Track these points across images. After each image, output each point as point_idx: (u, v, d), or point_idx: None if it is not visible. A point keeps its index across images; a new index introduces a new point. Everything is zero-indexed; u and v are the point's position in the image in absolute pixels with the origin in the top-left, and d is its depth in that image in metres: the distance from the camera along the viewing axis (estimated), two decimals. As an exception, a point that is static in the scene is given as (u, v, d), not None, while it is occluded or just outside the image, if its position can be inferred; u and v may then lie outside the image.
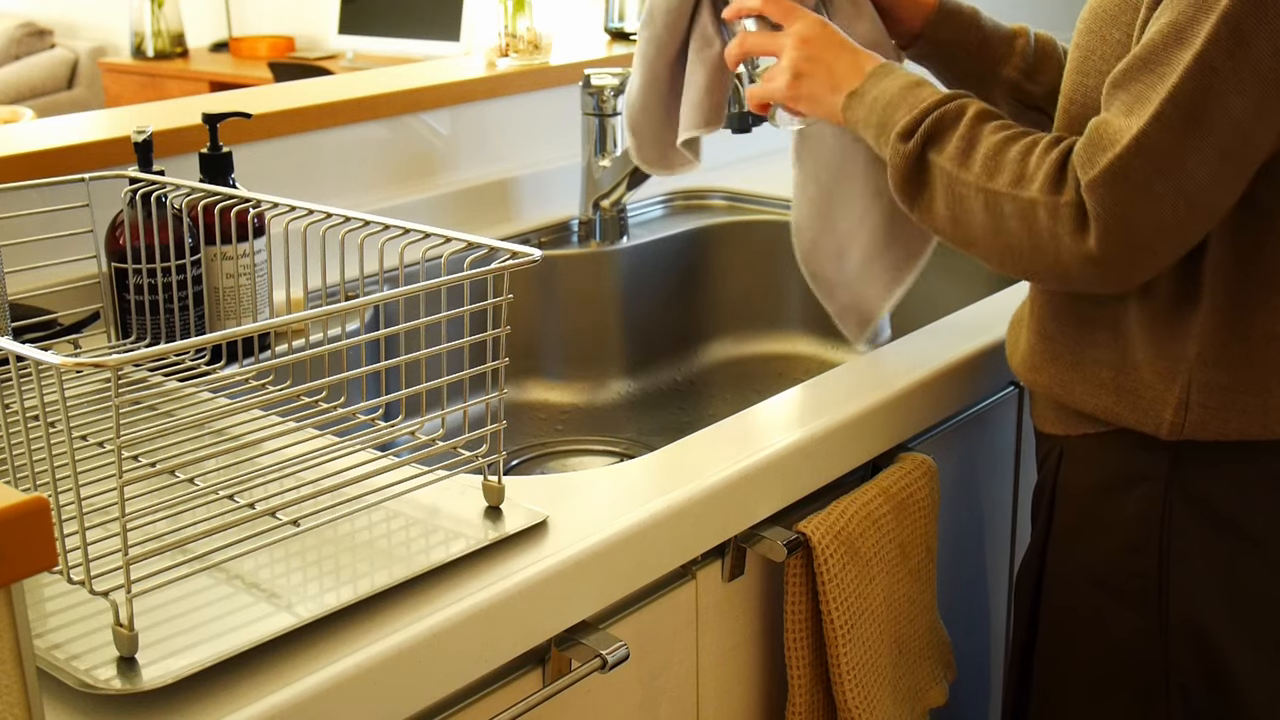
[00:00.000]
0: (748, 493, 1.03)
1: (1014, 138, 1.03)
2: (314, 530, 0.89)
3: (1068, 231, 0.98)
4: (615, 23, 2.08)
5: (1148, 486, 1.10)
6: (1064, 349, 1.12)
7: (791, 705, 1.09)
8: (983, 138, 1.04)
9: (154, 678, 0.74)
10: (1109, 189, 0.96)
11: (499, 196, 1.72)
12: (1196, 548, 1.09)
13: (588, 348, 1.70)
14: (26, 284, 1.25)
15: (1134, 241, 0.97)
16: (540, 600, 0.88)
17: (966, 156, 1.04)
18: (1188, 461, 1.08)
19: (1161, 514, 1.09)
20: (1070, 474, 1.16)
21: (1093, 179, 0.96)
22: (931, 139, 1.06)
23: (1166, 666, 1.12)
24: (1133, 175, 0.95)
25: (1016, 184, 1.01)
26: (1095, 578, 1.14)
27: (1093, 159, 0.96)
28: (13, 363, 0.77)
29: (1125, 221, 0.96)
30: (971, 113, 1.06)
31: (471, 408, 0.93)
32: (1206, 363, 1.04)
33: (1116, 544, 1.12)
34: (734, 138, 1.56)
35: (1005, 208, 1.01)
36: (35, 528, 0.60)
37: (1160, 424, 1.07)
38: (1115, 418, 1.09)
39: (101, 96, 4.94)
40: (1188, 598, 1.10)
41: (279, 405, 1.05)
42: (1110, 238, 0.96)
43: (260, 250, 1.24)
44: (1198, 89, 0.94)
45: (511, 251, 0.90)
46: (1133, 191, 0.95)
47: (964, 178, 1.04)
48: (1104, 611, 1.14)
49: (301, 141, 1.55)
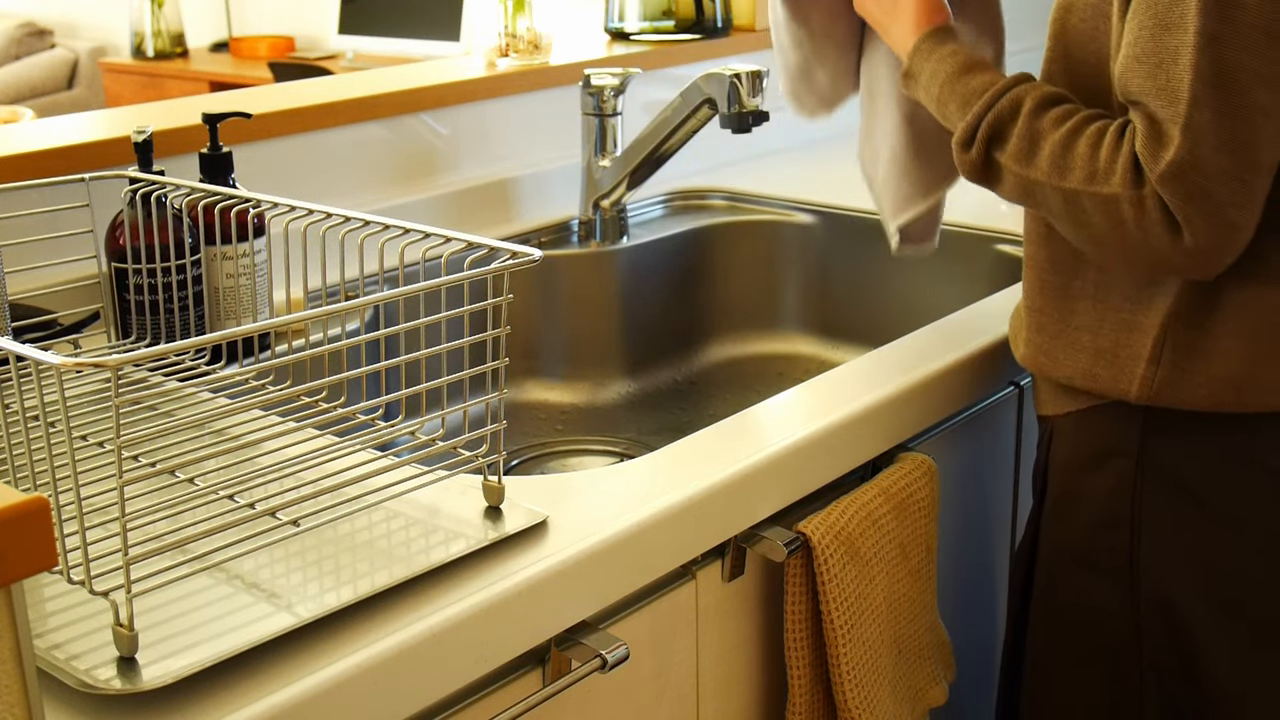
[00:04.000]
0: (748, 493, 1.03)
1: (1077, 129, 1.02)
2: (314, 530, 0.89)
3: (1156, 221, 0.98)
4: (615, 23, 2.08)
5: (1120, 462, 1.12)
6: (1048, 319, 1.15)
7: (791, 705, 1.09)
8: (1045, 133, 1.03)
9: (154, 678, 0.74)
10: (1180, 182, 0.96)
11: (499, 196, 1.72)
12: (1167, 523, 1.11)
13: (588, 348, 1.70)
14: (26, 284, 1.25)
15: (1219, 222, 0.97)
16: (540, 600, 0.88)
17: (1032, 156, 1.04)
18: (1159, 434, 1.10)
19: (1132, 489, 1.11)
20: (1057, 451, 1.19)
21: (1161, 175, 0.97)
22: (993, 141, 1.06)
23: (1139, 640, 1.14)
24: (1198, 164, 0.96)
25: (1091, 180, 1.00)
26: (1074, 553, 1.17)
27: (1156, 156, 0.97)
28: (13, 363, 0.77)
29: (1205, 208, 0.97)
30: (1028, 106, 1.05)
31: (471, 408, 0.93)
32: (1183, 322, 1.06)
33: (1091, 518, 1.15)
34: (734, 138, 1.56)
35: (1085, 204, 1.01)
36: (35, 528, 0.60)
37: (1133, 380, 1.08)
38: (1092, 380, 1.11)
39: (101, 96, 4.94)
40: (1158, 572, 1.12)
41: (279, 405, 1.05)
42: (1196, 225, 0.97)
43: (260, 250, 1.24)
44: (1212, 60, 0.95)
45: (511, 251, 0.90)
46: (1202, 178, 0.96)
47: (1034, 177, 1.04)
48: (1081, 586, 1.17)
49: (301, 141, 1.55)
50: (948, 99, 1.09)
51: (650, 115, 1.62)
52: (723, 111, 1.50)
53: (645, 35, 2.05)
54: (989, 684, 1.45)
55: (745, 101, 1.49)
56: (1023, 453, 1.41)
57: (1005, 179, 1.06)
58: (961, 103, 1.08)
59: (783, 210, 1.81)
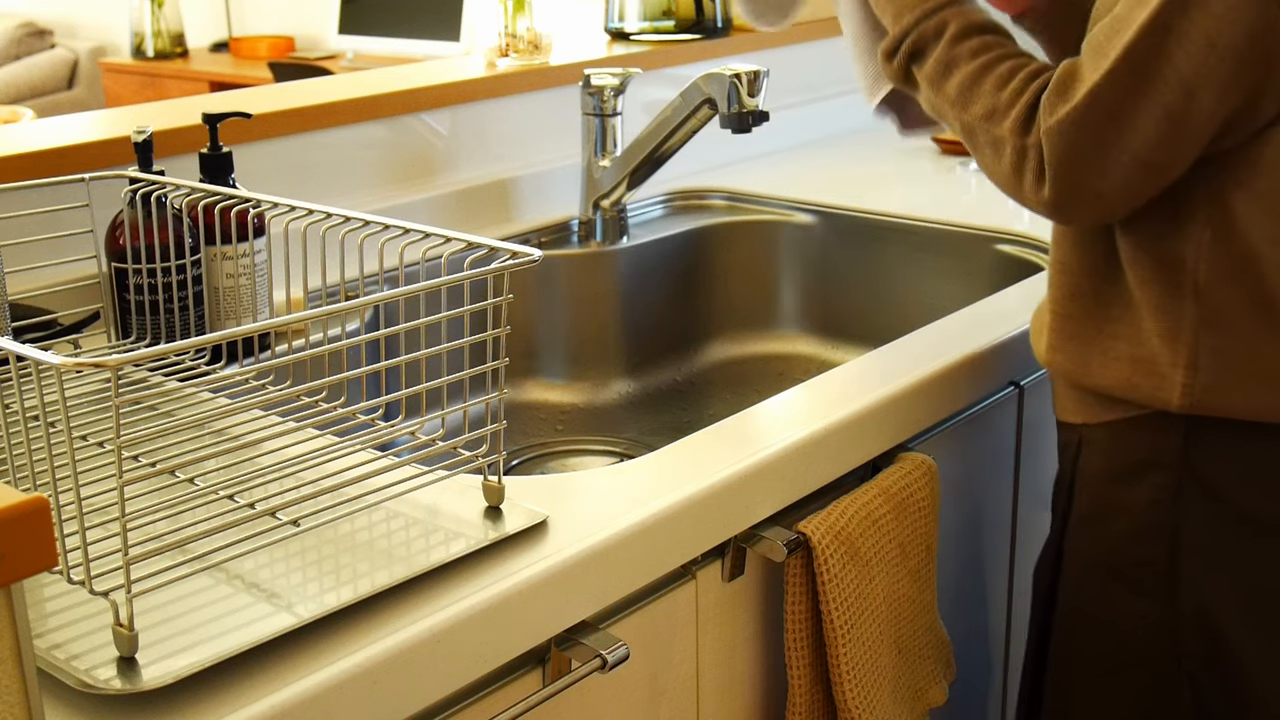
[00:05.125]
0: (748, 493, 1.03)
1: (989, 65, 1.06)
2: (314, 530, 0.89)
3: (1030, 170, 1.03)
4: (615, 23, 2.08)
5: (1160, 473, 1.10)
6: (1081, 326, 1.13)
7: (791, 705, 1.09)
8: (959, 61, 1.08)
9: (154, 678, 0.74)
10: (1063, 137, 1.00)
11: (499, 196, 1.72)
12: (1207, 536, 1.09)
13: (588, 348, 1.70)
14: (26, 284, 1.25)
15: (1082, 189, 1.01)
16: (540, 600, 0.88)
17: (943, 80, 1.09)
18: (1200, 446, 1.08)
19: (1172, 501, 1.09)
20: (1089, 461, 1.17)
21: (1050, 126, 1.00)
22: (914, 57, 1.11)
23: (1176, 655, 1.12)
24: (1085, 126, 0.99)
25: (989, 117, 1.05)
26: (1108, 565, 1.15)
27: (1054, 107, 1.01)
28: (13, 363, 0.77)
29: (1074, 170, 1.00)
30: (952, 30, 1.09)
31: (471, 408, 0.93)
32: (1210, 325, 1.05)
33: (1128, 531, 1.13)
34: (734, 138, 1.56)
35: (979, 137, 1.07)
36: (35, 528, 0.60)
37: (1173, 390, 1.07)
38: (1131, 390, 1.09)
39: (101, 96, 4.94)
40: (1197, 586, 1.10)
41: (279, 405, 1.05)
42: (1060, 184, 1.01)
43: (260, 250, 1.24)
44: (1150, 46, 0.97)
45: (511, 251, 0.90)
46: (1084, 141, 0.99)
47: (939, 101, 1.09)
48: (1115, 599, 1.15)
49: (301, 141, 1.55)
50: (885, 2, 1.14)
51: (650, 115, 1.62)
52: (723, 111, 1.50)
53: (645, 35, 2.05)
54: (989, 684, 1.45)
55: (745, 101, 1.49)
56: (1023, 453, 1.41)
57: (920, 94, 1.12)
58: (896, 11, 1.12)
59: (782, 210, 1.81)
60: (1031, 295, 1.38)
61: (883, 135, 1.22)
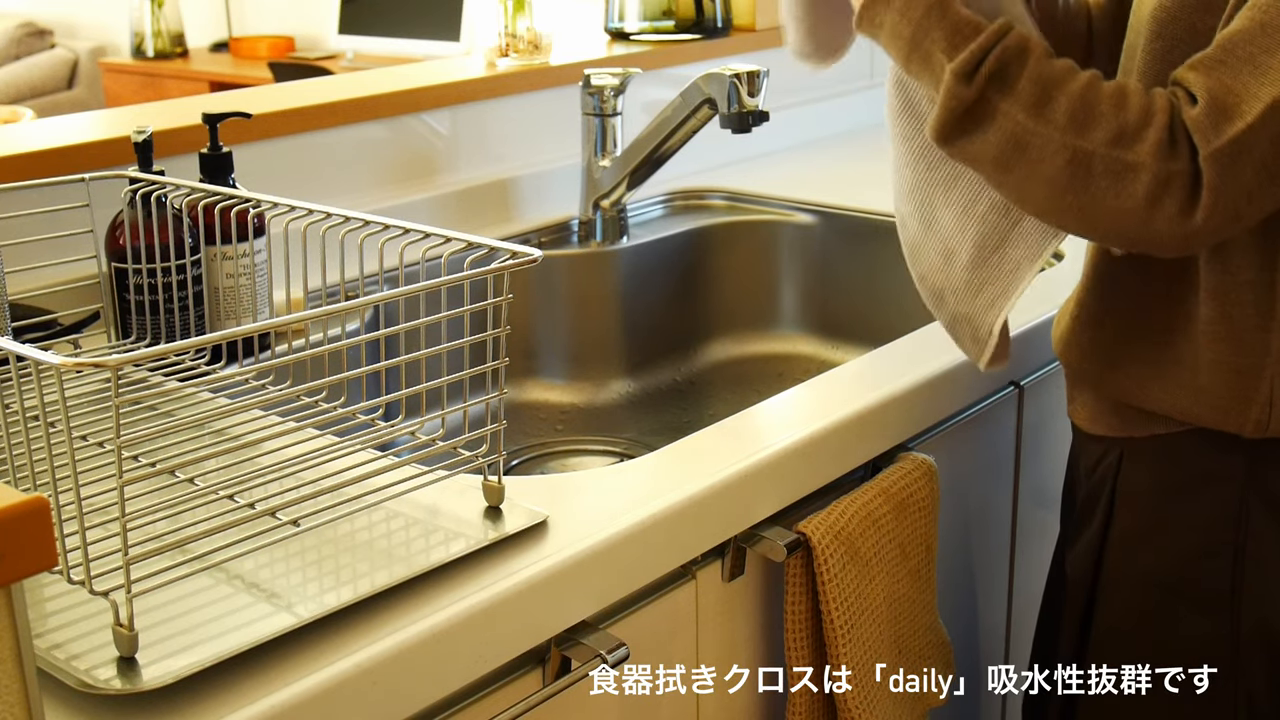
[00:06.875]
0: (748, 493, 1.03)
1: (1093, 83, 0.93)
2: (314, 530, 0.89)
3: (1174, 198, 0.90)
4: (615, 23, 2.08)
5: (1222, 488, 1.07)
6: (1142, 349, 1.08)
7: (791, 705, 1.09)
8: (1061, 81, 0.93)
9: (154, 678, 0.74)
10: (1234, 161, 0.89)
11: (499, 196, 1.72)
12: (1273, 551, 1.07)
13: (588, 348, 1.70)
14: (26, 284, 1.25)
15: (1232, 210, 0.91)
16: (540, 600, 0.88)
17: (1045, 104, 0.92)
18: (1267, 462, 1.05)
19: (1237, 516, 1.07)
20: (1133, 475, 1.12)
21: (1218, 149, 0.89)
22: (996, 81, 0.93)
23: (1235, 672, 1.09)
24: (1257, 149, 0.89)
25: (1117, 143, 0.91)
26: (1162, 581, 1.12)
27: (1219, 128, 0.89)
28: (13, 363, 0.77)
29: (1232, 192, 0.90)
30: (1037, 49, 0.94)
31: (471, 408, 0.93)
32: None
33: (1187, 547, 1.10)
34: (734, 138, 1.56)
35: (1096, 166, 0.91)
36: (35, 528, 0.60)
37: (1245, 422, 1.03)
38: (1193, 417, 1.06)
39: (101, 96, 4.94)
40: (1262, 602, 1.08)
41: (279, 405, 1.05)
42: (1219, 210, 0.90)
43: (260, 250, 1.24)
44: None
45: (511, 251, 0.90)
46: (1254, 166, 0.89)
47: (1042, 130, 0.92)
48: (1170, 615, 1.11)
49: (301, 141, 1.55)
50: (932, 26, 0.95)
51: (650, 115, 1.62)
52: (723, 111, 1.50)
53: (645, 35, 2.05)
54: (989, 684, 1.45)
55: (745, 101, 1.49)
56: (1023, 453, 1.41)
57: (996, 126, 0.93)
58: (950, 32, 0.94)
59: (782, 210, 1.81)
60: (1031, 296, 1.38)
61: (883, 135, 1.21)
